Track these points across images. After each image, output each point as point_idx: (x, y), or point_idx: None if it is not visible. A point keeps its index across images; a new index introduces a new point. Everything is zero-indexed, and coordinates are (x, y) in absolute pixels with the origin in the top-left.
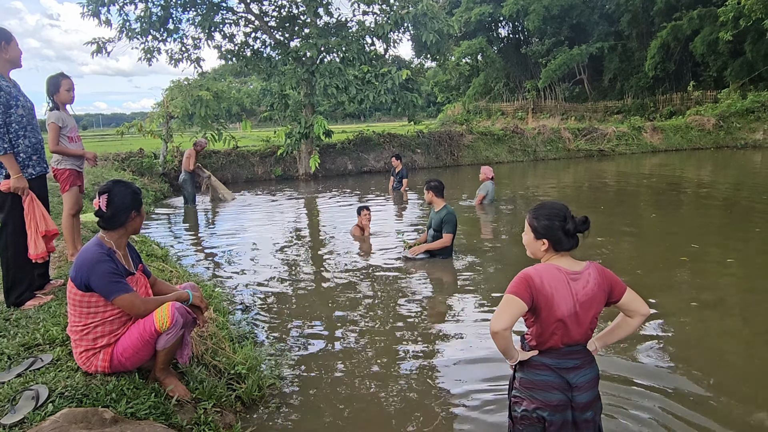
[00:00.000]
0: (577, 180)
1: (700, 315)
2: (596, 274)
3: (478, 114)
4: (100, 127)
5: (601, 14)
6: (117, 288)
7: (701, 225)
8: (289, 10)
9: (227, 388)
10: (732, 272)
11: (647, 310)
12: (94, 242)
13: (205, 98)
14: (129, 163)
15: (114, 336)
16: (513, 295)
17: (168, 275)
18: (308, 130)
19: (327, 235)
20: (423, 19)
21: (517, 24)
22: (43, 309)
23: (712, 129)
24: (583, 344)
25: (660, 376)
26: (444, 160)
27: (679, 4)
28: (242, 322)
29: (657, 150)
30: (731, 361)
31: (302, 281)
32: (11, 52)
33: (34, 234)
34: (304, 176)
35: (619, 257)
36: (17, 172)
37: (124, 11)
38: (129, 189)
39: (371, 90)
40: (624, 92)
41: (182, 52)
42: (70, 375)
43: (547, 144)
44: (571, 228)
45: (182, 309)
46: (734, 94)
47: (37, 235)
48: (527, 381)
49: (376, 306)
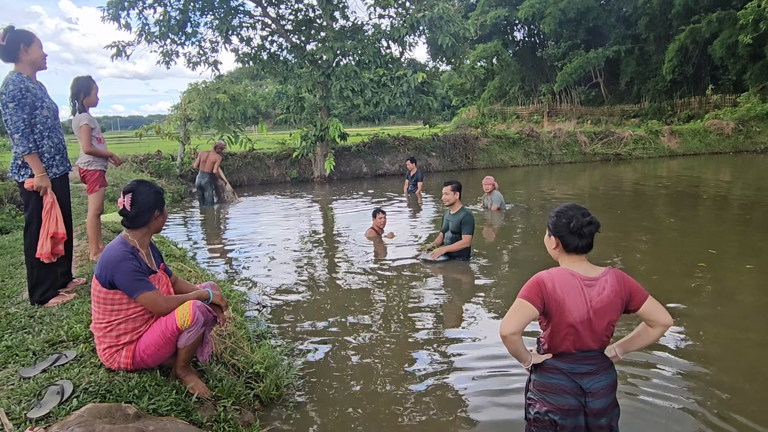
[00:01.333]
0: (593, 184)
1: (717, 322)
2: (614, 281)
3: (493, 117)
4: (118, 129)
5: (617, 17)
6: (140, 286)
7: (720, 230)
8: (305, 13)
9: (246, 387)
10: (751, 279)
11: (669, 321)
12: (118, 241)
13: (222, 101)
14: (147, 164)
15: (137, 333)
16: (524, 299)
17: (187, 275)
18: (323, 132)
19: (342, 237)
20: (439, 22)
21: (533, 27)
22: (67, 307)
23: (731, 133)
24: (597, 350)
25: (678, 383)
26: (459, 163)
27: (697, 7)
28: (260, 321)
29: (675, 154)
30: (752, 370)
31: (318, 282)
32: (32, 53)
33: (45, 234)
34: (319, 179)
35: (635, 262)
36: (41, 171)
37: (143, 15)
38: (152, 189)
39: (387, 93)
40: (641, 96)
41: (200, 55)
42: (93, 371)
43: (562, 147)
44: (575, 226)
45: (203, 307)
46: (754, 98)
47: (47, 236)
48: (540, 384)
49: (393, 308)
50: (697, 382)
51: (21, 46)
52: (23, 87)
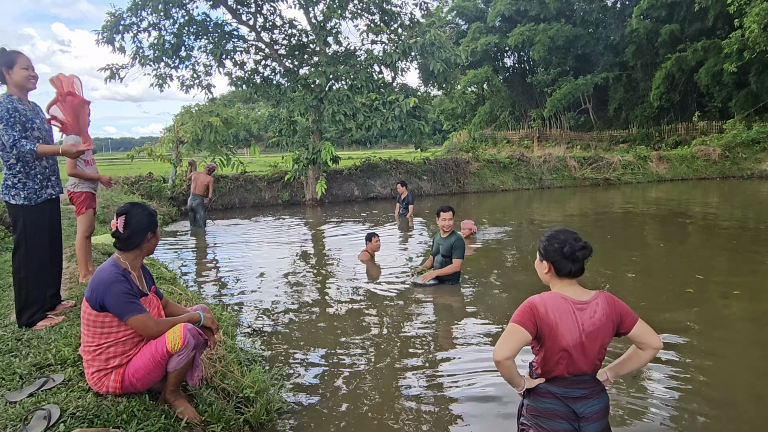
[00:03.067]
0: (584, 208)
1: (705, 347)
2: (605, 305)
3: (483, 142)
4: (110, 151)
5: (605, 45)
6: (131, 308)
7: (707, 255)
8: (298, 38)
9: (236, 412)
10: (739, 304)
11: (659, 344)
12: (110, 263)
13: (214, 124)
14: (138, 186)
15: (126, 356)
16: (517, 324)
17: (177, 298)
18: (315, 155)
19: (334, 260)
20: (430, 48)
21: (523, 54)
22: (55, 330)
23: (718, 159)
24: (590, 374)
25: (667, 408)
26: (450, 187)
27: (683, 36)
28: (250, 345)
29: (663, 179)
30: (743, 394)
31: (309, 306)
32: (15, 76)
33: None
34: (311, 201)
35: (624, 287)
36: (56, 150)
37: (137, 39)
38: (146, 211)
39: (379, 117)
40: (629, 122)
41: (194, 78)
42: (81, 395)
43: (553, 172)
44: (568, 251)
45: (194, 330)
46: (739, 124)
47: None
48: (533, 409)
49: (384, 332)
50: (687, 407)
51: (3, 69)
52: (11, 108)
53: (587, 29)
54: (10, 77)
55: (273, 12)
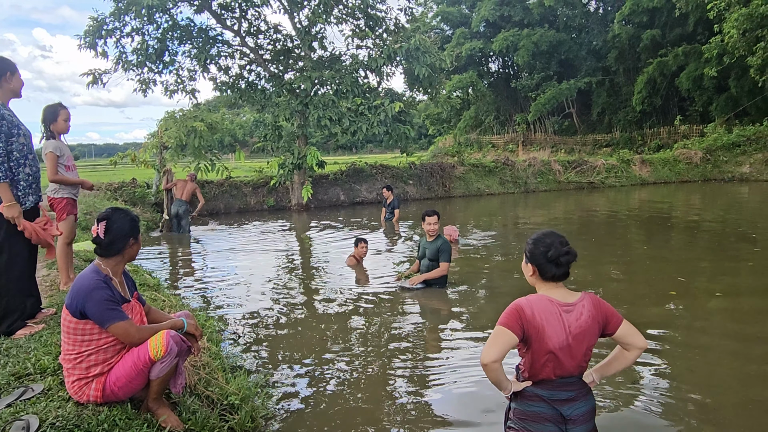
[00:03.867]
0: (568, 211)
1: (688, 350)
2: (590, 306)
3: (469, 146)
4: (93, 157)
5: (588, 50)
6: (112, 315)
7: (690, 258)
8: (283, 43)
9: (220, 419)
10: (720, 305)
11: (644, 344)
12: (90, 269)
13: (199, 129)
14: (121, 192)
15: (107, 365)
16: (503, 326)
17: (161, 304)
18: (301, 160)
19: (320, 265)
20: (415, 53)
21: (507, 59)
22: (35, 338)
23: (700, 162)
24: (577, 376)
25: (653, 409)
26: (436, 191)
27: (664, 41)
28: (235, 352)
29: (646, 182)
30: (727, 395)
31: (296, 311)
32: (14, 82)
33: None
34: (297, 207)
35: (608, 290)
36: (10, 200)
37: (120, 44)
38: (127, 216)
39: (364, 122)
40: (612, 126)
41: (177, 83)
42: (61, 405)
43: (537, 176)
44: (553, 256)
45: (177, 337)
46: (720, 128)
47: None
48: (521, 412)
49: (371, 337)
50: (671, 408)
51: (7, 74)
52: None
53: (570, 34)
54: (9, 83)
55: (258, 17)
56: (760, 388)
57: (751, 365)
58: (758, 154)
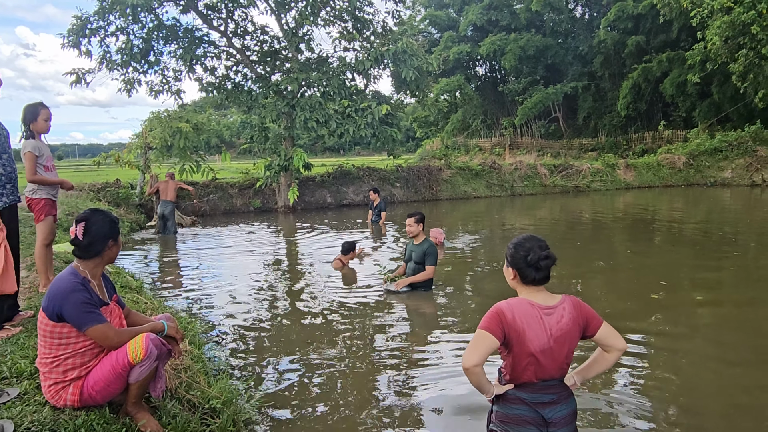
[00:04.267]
0: (554, 215)
1: (670, 352)
2: (571, 308)
3: (456, 149)
4: (76, 157)
5: (574, 55)
6: (90, 318)
7: (672, 261)
8: (270, 45)
9: (201, 423)
10: (701, 309)
11: (624, 345)
12: (68, 271)
13: (184, 130)
14: (105, 193)
15: (85, 368)
16: (484, 330)
17: (142, 307)
18: (287, 162)
19: (305, 267)
20: (403, 56)
21: (494, 63)
22: (11, 341)
23: (683, 167)
24: (558, 379)
25: (635, 410)
26: (423, 194)
27: (648, 47)
28: (218, 355)
29: (630, 187)
30: (708, 396)
31: (280, 314)
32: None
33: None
34: (283, 209)
35: (590, 293)
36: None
37: (105, 43)
38: (107, 218)
39: (351, 124)
40: (598, 130)
41: (163, 83)
42: (37, 409)
43: (524, 179)
44: (532, 260)
45: (157, 340)
46: (703, 134)
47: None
48: (502, 415)
49: (356, 340)
50: (653, 410)
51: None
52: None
53: (557, 39)
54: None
55: (244, 18)
56: (741, 392)
57: (734, 369)
58: (739, 160)
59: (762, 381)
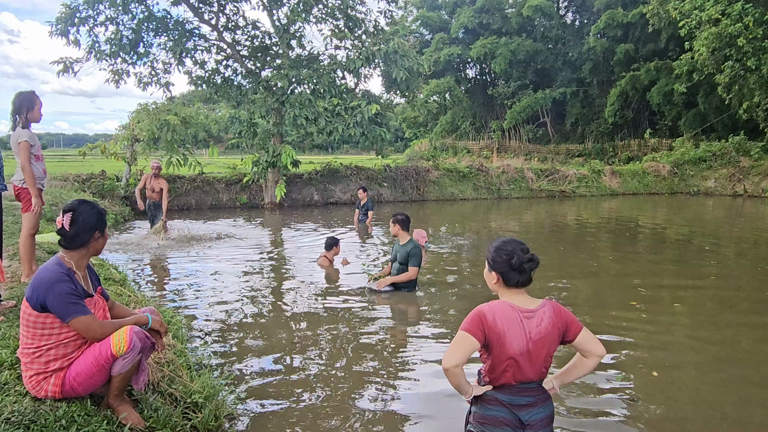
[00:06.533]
0: (539, 219)
1: (645, 358)
2: (551, 313)
3: (444, 151)
4: (61, 147)
5: (564, 61)
6: (74, 309)
7: (654, 270)
8: (261, 40)
9: (183, 417)
10: (679, 318)
11: (602, 351)
12: (53, 261)
13: (172, 123)
14: (90, 184)
15: (67, 359)
16: (465, 332)
17: (126, 300)
18: (275, 159)
19: (291, 265)
20: (394, 56)
21: (485, 66)
22: None
23: (667, 176)
24: (537, 382)
25: (614, 415)
26: (410, 194)
27: (637, 56)
28: (201, 349)
29: (615, 193)
30: (687, 402)
31: (264, 310)
32: None
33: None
34: (270, 205)
35: (571, 298)
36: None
37: (94, 32)
38: (94, 209)
39: (340, 122)
40: (585, 136)
41: (152, 75)
42: (17, 400)
43: (510, 183)
44: (516, 263)
45: (141, 333)
46: (688, 143)
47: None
48: (480, 416)
49: (339, 338)
50: (632, 416)
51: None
52: None
53: (547, 45)
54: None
55: (236, 12)
56: (720, 399)
57: (713, 374)
58: (723, 170)
59: (744, 389)
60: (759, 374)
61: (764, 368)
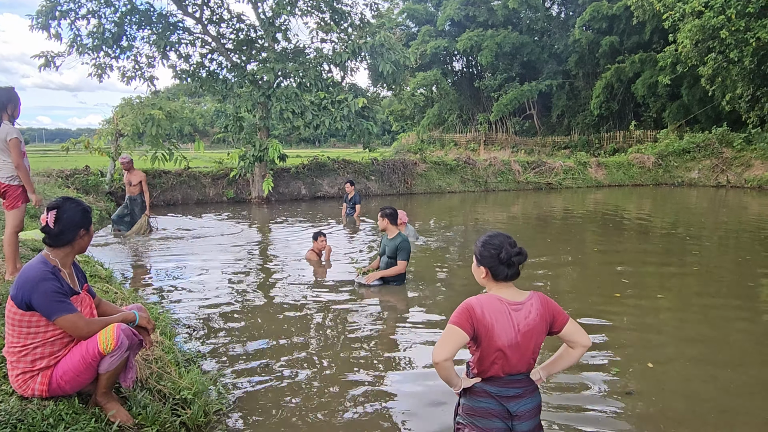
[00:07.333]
0: (526, 211)
1: (633, 351)
2: (538, 305)
3: (431, 144)
4: (44, 142)
5: (550, 54)
6: (60, 308)
7: (638, 260)
8: (246, 33)
9: (172, 414)
10: (662, 310)
11: (588, 342)
12: (38, 260)
13: (157, 117)
14: (74, 180)
15: (54, 358)
16: (454, 325)
17: (113, 297)
18: (262, 153)
19: (279, 259)
20: (380, 49)
21: (471, 59)
22: None
23: (652, 167)
24: (525, 373)
25: (601, 406)
26: (397, 187)
27: (622, 48)
28: (189, 346)
29: (601, 185)
30: (672, 392)
31: (253, 306)
32: None
33: None
34: (257, 200)
35: (556, 290)
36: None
37: (75, 26)
38: (79, 206)
39: (327, 116)
40: (571, 128)
41: (135, 69)
42: (4, 399)
43: (497, 175)
44: (504, 257)
45: (128, 330)
46: (672, 134)
47: None
48: (469, 408)
49: (328, 332)
50: (619, 408)
51: None
52: None
53: (533, 37)
54: None
55: (220, 5)
56: (704, 390)
57: (697, 368)
58: (706, 161)
59: (730, 377)
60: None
61: (749, 357)
